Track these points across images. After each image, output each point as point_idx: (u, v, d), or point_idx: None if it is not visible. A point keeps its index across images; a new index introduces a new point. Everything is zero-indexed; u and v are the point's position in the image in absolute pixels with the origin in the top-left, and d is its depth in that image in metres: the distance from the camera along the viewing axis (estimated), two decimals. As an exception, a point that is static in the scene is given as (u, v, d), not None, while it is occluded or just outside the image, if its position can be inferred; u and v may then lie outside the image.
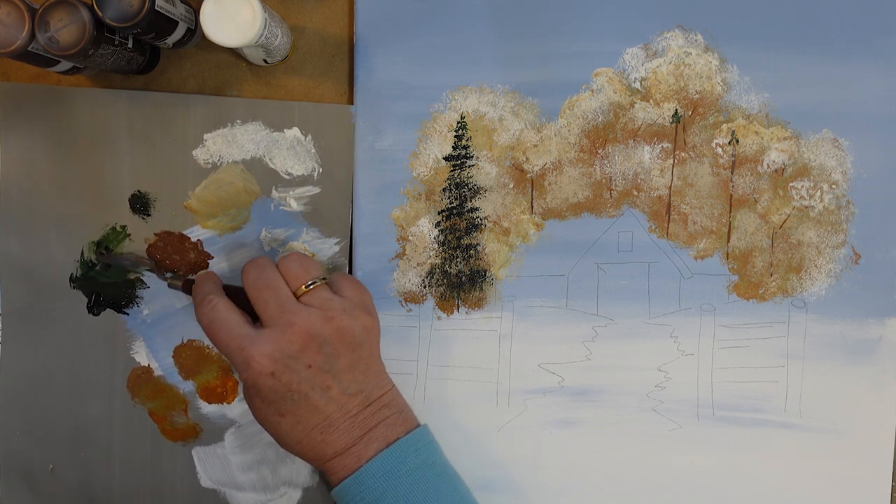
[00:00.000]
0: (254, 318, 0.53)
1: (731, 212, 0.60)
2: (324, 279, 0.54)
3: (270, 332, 0.51)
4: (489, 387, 0.61)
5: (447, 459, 0.55)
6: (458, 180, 0.60)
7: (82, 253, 0.61)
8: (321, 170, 0.60)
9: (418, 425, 0.55)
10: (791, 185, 0.60)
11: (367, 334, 0.53)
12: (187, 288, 0.57)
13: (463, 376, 0.61)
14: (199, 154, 0.60)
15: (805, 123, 0.60)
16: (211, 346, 0.61)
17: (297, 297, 0.52)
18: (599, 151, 0.60)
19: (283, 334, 0.50)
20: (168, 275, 0.59)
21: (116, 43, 0.54)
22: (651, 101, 0.60)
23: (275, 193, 0.60)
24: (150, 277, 0.61)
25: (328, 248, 0.61)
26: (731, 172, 0.60)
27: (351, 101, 0.61)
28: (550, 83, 0.60)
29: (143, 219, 0.60)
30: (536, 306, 0.61)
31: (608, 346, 0.61)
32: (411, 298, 0.61)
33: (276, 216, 0.60)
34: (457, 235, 0.61)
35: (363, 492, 0.51)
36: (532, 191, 0.60)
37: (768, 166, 0.60)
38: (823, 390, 0.60)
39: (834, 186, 0.60)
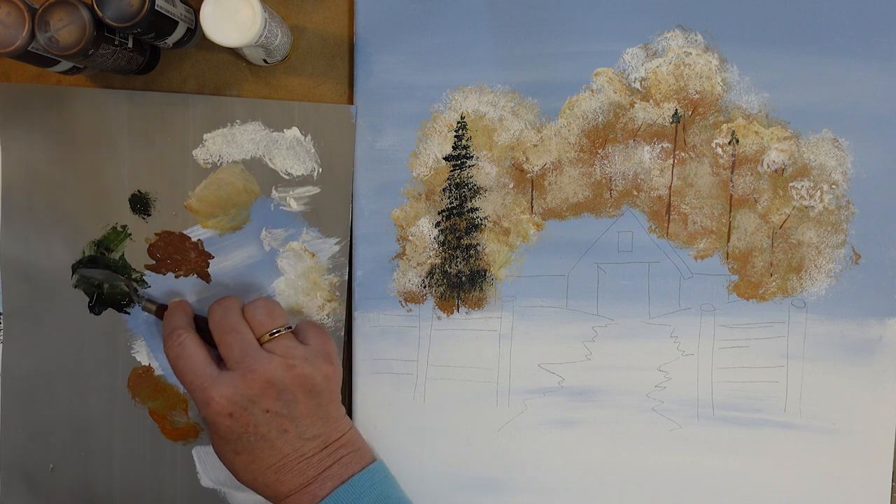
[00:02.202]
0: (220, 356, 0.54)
1: (731, 212, 0.60)
2: (288, 327, 0.55)
3: (232, 376, 0.52)
4: (489, 387, 0.61)
5: (404, 494, 0.56)
6: (458, 180, 0.60)
7: (83, 252, 0.61)
8: (321, 170, 0.60)
9: (374, 460, 0.55)
10: (791, 185, 0.60)
11: (328, 383, 0.54)
12: (160, 314, 0.58)
13: (463, 376, 0.61)
14: (199, 154, 0.60)
15: (805, 123, 0.59)
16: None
17: (262, 344, 0.54)
18: (599, 151, 0.60)
19: (244, 379, 0.51)
20: (143, 296, 0.59)
21: (116, 43, 0.54)
22: (651, 101, 0.60)
23: (275, 193, 0.60)
24: (150, 277, 0.61)
25: (328, 248, 0.61)
26: (731, 172, 0.60)
27: (351, 101, 0.61)
28: (550, 83, 0.60)
29: (144, 219, 0.60)
30: (536, 306, 0.61)
31: (608, 346, 0.61)
32: (411, 298, 0.61)
33: (276, 216, 0.60)
34: (457, 235, 0.61)
35: None
36: (532, 191, 0.60)
37: (768, 166, 0.60)
38: (823, 390, 0.60)
39: (834, 186, 0.60)
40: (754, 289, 0.60)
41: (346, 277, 0.61)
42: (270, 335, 0.54)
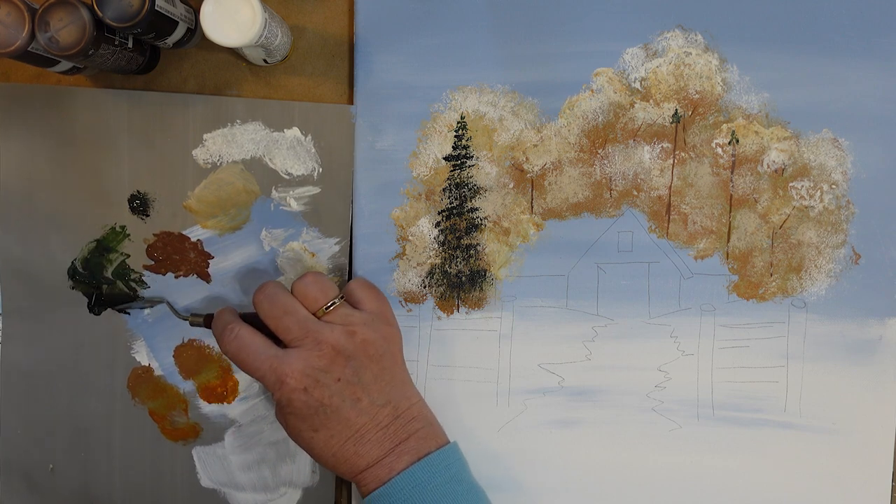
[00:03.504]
0: (274, 339, 0.53)
1: (731, 212, 0.60)
2: (341, 297, 0.55)
3: (299, 351, 0.52)
4: (489, 387, 0.61)
5: (474, 477, 0.56)
6: (458, 180, 0.60)
7: (83, 252, 0.61)
8: (321, 170, 0.60)
9: (447, 441, 0.56)
10: (791, 185, 0.60)
11: (389, 344, 0.55)
12: (209, 323, 0.57)
13: (463, 376, 0.61)
14: (199, 154, 0.60)
15: (805, 123, 0.59)
16: (211, 345, 0.61)
17: (318, 318, 0.54)
18: (599, 151, 0.60)
19: (311, 351, 0.52)
20: (188, 314, 0.58)
21: (116, 43, 0.54)
22: (651, 101, 0.60)
23: (275, 193, 0.60)
24: (149, 277, 0.61)
25: (328, 247, 0.61)
26: (731, 172, 0.60)
27: (351, 101, 0.61)
28: (550, 83, 0.60)
29: (143, 219, 0.60)
30: (536, 306, 0.61)
31: (608, 346, 0.61)
32: (411, 298, 0.61)
33: (276, 216, 0.60)
34: (457, 235, 0.61)
35: (393, 502, 0.52)
36: (532, 191, 0.60)
37: (768, 166, 0.60)
38: (823, 390, 0.60)
39: (834, 186, 0.60)
40: (754, 289, 0.60)
41: (346, 277, 0.61)
42: (325, 309, 0.54)
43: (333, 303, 0.54)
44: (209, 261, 0.61)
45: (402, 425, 0.54)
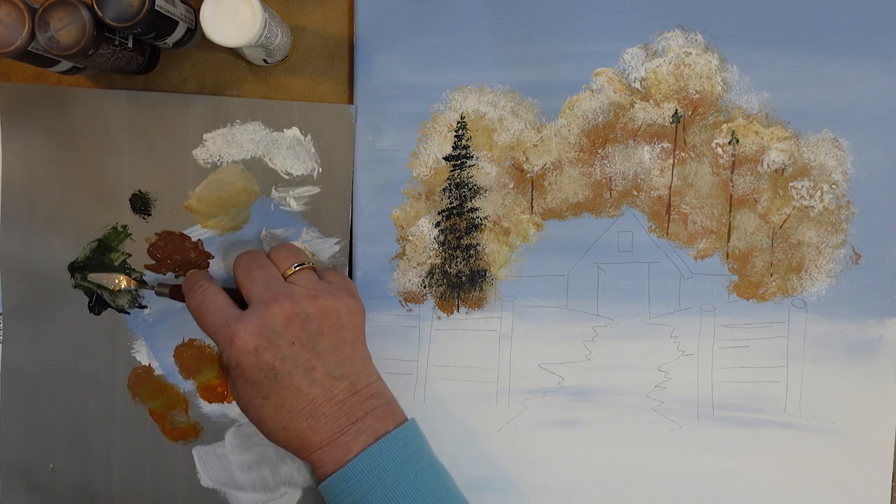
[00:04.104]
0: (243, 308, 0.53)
1: (731, 212, 0.60)
2: (311, 266, 0.55)
3: (254, 309, 0.51)
4: (489, 387, 0.61)
5: (434, 454, 0.55)
6: (458, 180, 0.60)
7: (83, 252, 0.61)
8: (321, 170, 0.60)
9: (406, 419, 0.54)
10: (791, 184, 0.60)
11: (352, 316, 0.54)
12: (175, 293, 0.58)
13: (463, 376, 0.61)
14: (199, 154, 0.60)
15: (805, 123, 0.59)
16: (212, 345, 0.61)
17: (285, 279, 0.54)
18: (599, 151, 0.60)
19: (267, 310, 0.51)
20: (153, 282, 0.59)
21: (116, 43, 0.54)
22: (651, 101, 0.60)
23: (275, 193, 0.60)
24: (150, 277, 0.61)
25: (328, 248, 0.61)
26: (731, 172, 0.60)
27: (351, 101, 0.61)
28: (550, 83, 0.60)
29: (144, 218, 0.60)
30: (536, 306, 0.61)
31: (608, 346, 0.61)
32: (411, 298, 0.61)
33: (276, 216, 0.60)
34: (457, 235, 0.61)
35: (352, 486, 0.50)
36: (532, 191, 0.60)
37: (768, 166, 0.60)
38: (823, 390, 0.60)
39: (834, 186, 0.60)
40: (754, 289, 0.60)
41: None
42: (293, 268, 0.54)
43: (302, 264, 0.54)
44: (209, 260, 0.61)
45: (358, 402, 0.52)
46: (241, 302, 0.54)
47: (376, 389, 0.54)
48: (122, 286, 0.60)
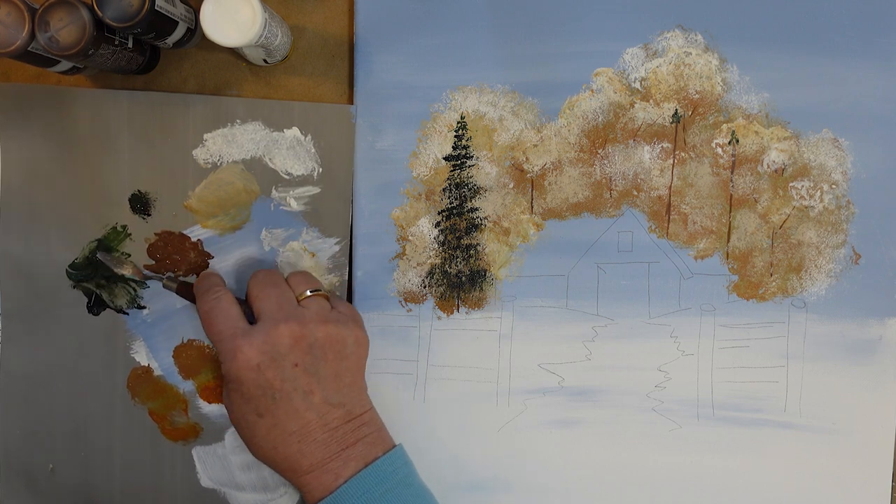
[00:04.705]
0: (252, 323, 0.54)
1: (731, 212, 0.60)
2: (325, 294, 0.56)
3: (263, 325, 0.52)
4: (489, 387, 0.61)
5: (421, 479, 0.55)
6: (458, 180, 0.60)
7: (83, 252, 0.61)
8: (321, 170, 0.60)
9: (394, 445, 0.55)
10: (791, 184, 0.60)
11: (357, 347, 0.55)
12: (182, 291, 0.58)
13: (463, 376, 0.61)
14: (199, 154, 0.60)
15: (805, 123, 0.60)
16: (212, 346, 0.61)
17: (298, 302, 0.54)
18: (599, 151, 0.60)
19: (276, 328, 0.51)
20: (166, 275, 0.59)
21: (116, 43, 0.54)
22: (651, 101, 0.60)
23: (275, 193, 0.60)
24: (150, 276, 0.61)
25: (328, 247, 0.61)
26: (731, 172, 0.60)
27: (351, 101, 0.61)
28: (550, 83, 0.60)
29: (144, 218, 0.60)
30: (536, 306, 0.61)
31: (608, 346, 0.61)
32: (411, 298, 0.61)
33: (276, 216, 0.60)
34: (457, 235, 0.61)
35: None
36: (532, 191, 0.60)
37: (768, 166, 0.60)
38: (823, 390, 0.60)
39: (834, 186, 0.60)
40: (754, 289, 0.60)
41: (346, 277, 0.61)
42: (307, 293, 0.54)
43: (316, 290, 0.55)
44: (209, 260, 0.61)
45: (351, 430, 0.53)
46: (248, 317, 0.54)
47: (369, 418, 0.54)
48: (127, 273, 0.60)
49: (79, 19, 0.50)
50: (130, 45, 0.56)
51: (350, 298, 0.61)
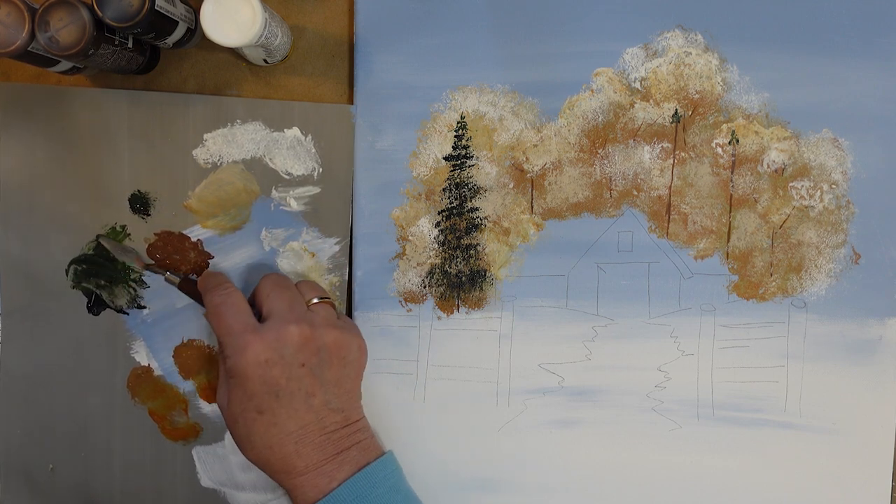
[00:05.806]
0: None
1: (731, 212, 0.60)
2: (332, 303, 0.57)
3: (273, 323, 0.52)
4: (489, 387, 0.61)
5: (410, 485, 0.56)
6: (458, 180, 0.60)
7: (83, 252, 0.61)
8: (321, 170, 0.60)
9: (384, 451, 0.56)
10: (791, 184, 0.60)
11: (359, 355, 0.56)
12: (184, 286, 0.58)
13: (463, 376, 0.61)
14: (199, 154, 0.60)
15: (805, 123, 0.60)
16: (212, 345, 0.61)
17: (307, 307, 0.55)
18: (599, 151, 0.60)
19: (286, 327, 0.52)
20: (168, 271, 0.59)
21: (116, 43, 0.54)
22: (651, 101, 0.60)
23: (275, 193, 0.60)
24: (149, 277, 0.61)
25: (328, 247, 0.61)
26: (731, 172, 0.60)
27: (351, 101, 0.61)
28: (550, 83, 0.60)
29: (143, 218, 0.60)
30: (536, 306, 0.61)
31: (608, 346, 0.61)
32: (411, 298, 0.61)
33: (276, 216, 0.60)
34: (457, 235, 0.61)
35: None
36: (532, 191, 0.60)
37: (768, 166, 0.60)
38: (823, 390, 0.60)
39: (834, 186, 0.60)
40: (754, 289, 0.60)
41: (346, 277, 0.61)
42: (316, 299, 0.55)
43: (326, 298, 0.56)
44: (209, 260, 0.61)
45: (347, 435, 0.54)
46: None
47: (363, 425, 0.56)
48: (128, 261, 0.60)
49: (79, 19, 0.50)
50: (130, 45, 0.56)
51: (350, 298, 0.61)
